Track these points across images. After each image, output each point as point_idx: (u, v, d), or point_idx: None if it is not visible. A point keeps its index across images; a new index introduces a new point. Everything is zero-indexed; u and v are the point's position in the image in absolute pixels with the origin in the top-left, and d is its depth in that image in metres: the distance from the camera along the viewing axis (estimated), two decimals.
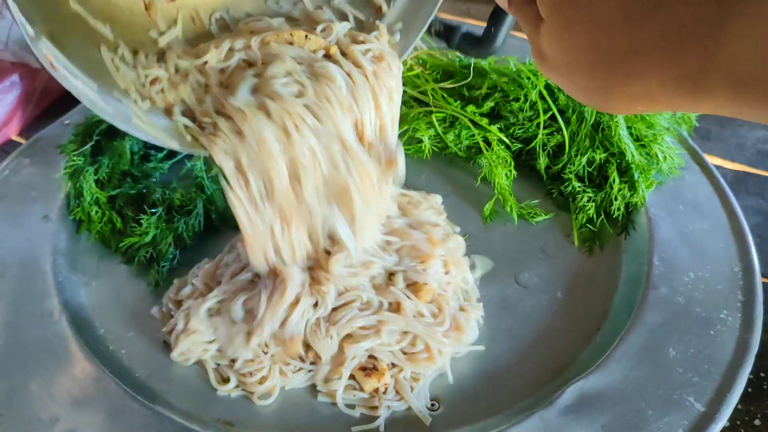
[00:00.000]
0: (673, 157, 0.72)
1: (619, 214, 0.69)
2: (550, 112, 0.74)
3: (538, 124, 0.73)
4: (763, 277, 0.63)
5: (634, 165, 0.70)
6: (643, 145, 0.73)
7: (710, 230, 0.66)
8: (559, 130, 0.73)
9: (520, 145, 0.75)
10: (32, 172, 0.75)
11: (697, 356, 0.55)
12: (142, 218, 0.67)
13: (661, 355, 0.56)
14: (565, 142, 0.73)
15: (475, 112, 0.76)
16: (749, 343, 0.56)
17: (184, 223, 0.68)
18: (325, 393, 0.57)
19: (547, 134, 0.74)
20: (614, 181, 0.70)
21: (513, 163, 0.74)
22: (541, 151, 0.74)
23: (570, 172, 0.72)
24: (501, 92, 0.77)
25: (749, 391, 0.58)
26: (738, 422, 0.56)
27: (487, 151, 0.74)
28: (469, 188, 0.76)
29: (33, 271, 0.65)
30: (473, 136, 0.75)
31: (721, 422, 0.51)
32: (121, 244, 0.68)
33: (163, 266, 0.66)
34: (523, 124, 0.75)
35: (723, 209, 0.69)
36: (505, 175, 0.73)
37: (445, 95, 0.78)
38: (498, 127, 0.75)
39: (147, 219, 0.67)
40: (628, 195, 0.69)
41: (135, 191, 0.70)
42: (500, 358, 0.60)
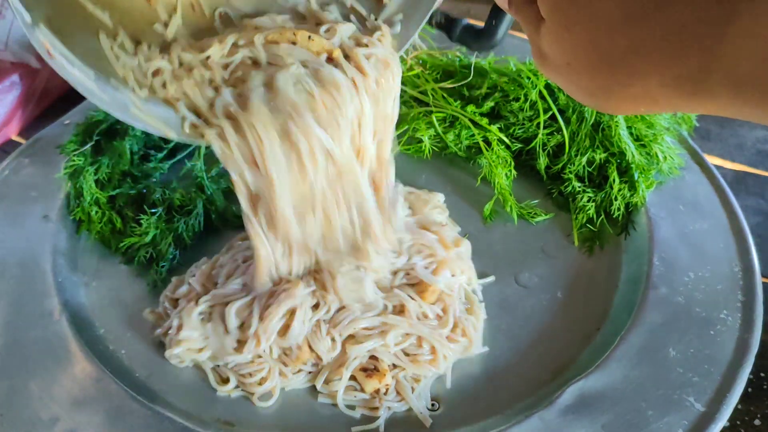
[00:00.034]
0: (673, 157, 0.72)
1: (619, 214, 0.69)
2: (550, 112, 0.73)
3: (538, 124, 0.73)
4: (763, 277, 0.63)
5: (634, 165, 0.70)
6: (643, 145, 0.73)
7: (710, 230, 0.66)
8: (559, 130, 0.73)
9: (520, 145, 0.75)
10: (32, 172, 0.75)
11: (697, 356, 0.55)
12: (142, 218, 0.67)
13: (661, 355, 0.56)
14: (565, 142, 0.73)
15: (475, 112, 0.76)
16: (749, 343, 0.56)
17: (184, 223, 0.68)
18: (325, 394, 0.57)
19: (547, 134, 0.74)
20: (614, 181, 0.70)
21: (513, 163, 0.74)
22: (541, 151, 0.74)
23: (570, 172, 0.72)
24: (501, 92, 0.77)
25: (749, 391, 0.58)
26: (738, 422, 0.56)
27: (487, 151, 0.73)
28: (469, 188, 0.75)
29: (33, 271, 0.65)
30: (473, 136, 0.75)
31: (721, 422, 0.51)
32: (121, 244, 0.68)
33: (163, 266, 0.66)
34: (523, 124, 0.75)
35: (723, 209, 0.68)
36: (505, 175, 0.73)
37: (445, 95, 0.78)
38: (498, 127, 0.75)
39: (147, 219, 0.67)
40: (628, 195, 0.69)
41: (135, 191, 0.70)
42: (500, 358, 0.60)
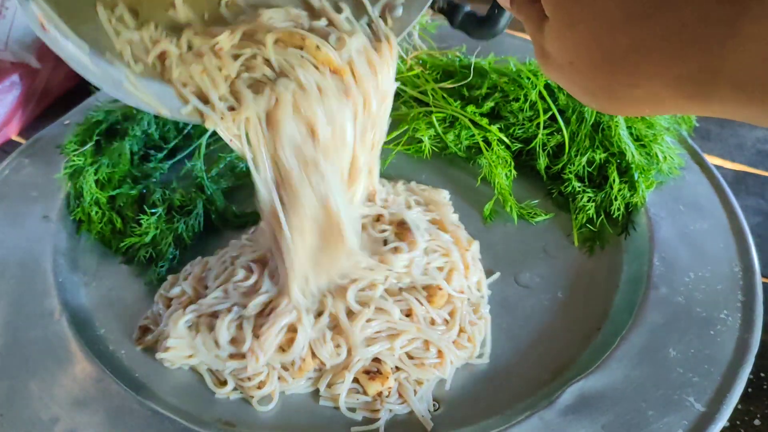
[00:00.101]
0: (673, 157, 0.72)
1: (619, 214, 0.69)
2: (550, 112, 0.73)
3: (538, 124, 0.73)
4: (763, 277, 0.63)
5: (634, 165, 0.70)
6: (643, 145, 0.73)
7: (710, 230, 0.66)
8: (559, 130, 0.73)
9: (520, 145, 0.75)
10: (32, 172, 0.75)
11: (697, 356, 0.55)
12: (142, 218, 0.67)
13: (662, 355, 0.56)
14: (565, 142, 0.73)
15: (475, 112, 0.76)
16: (749, 343, 0.56)
17: (184, 223, 0.68)
18: (327, 397, 0.57)
19: (547, 134, 0.74)
20: (614, 181, 0.70)
21: (513, 163, 0.74)
22: (541, 151, 0.74)
23: (570, 172, 0.72)
24: (501, 92, 0.77)
25: (749, 391, 0.58)
26: (738, 422, 0.56)
27: (487, 151, 0.73)
28: (469, 188, 0.75)
29: (33, 271, 0.65)
30: (473, 136, 0.75)
31: (721, 422, 0.51)
32: (121, 244, 0.68)
33: (162, 266, 0.66)
34: (523, 124, 0.75)
35: (723, 209, 0.68)
36: (505, 175, 0.73)
37: (445, 95, 0.78)
38: (498, 127, 0.75)
39: (147, 219, 0.67)
40: (628, 195, 0.69)
41: (135, 191, 0.70)
42: (500, 358, 0.60)
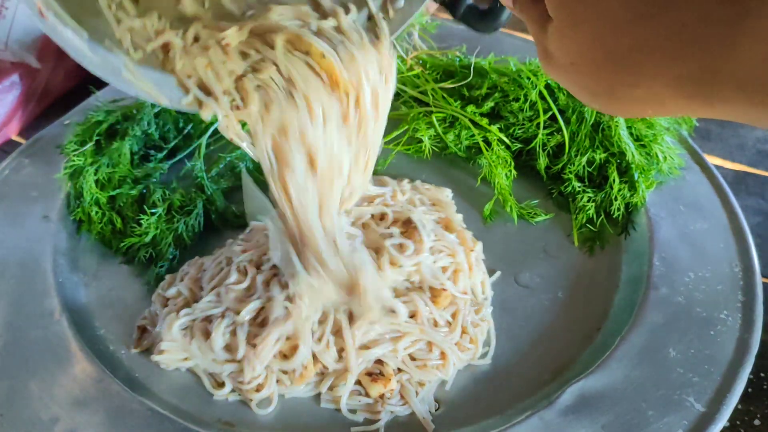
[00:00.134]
0: (673, 157, 0.72)
1: (619, 214, 0.69)
2: (550, 112, 0.73)
3: (538, 124, 0.73)
4: (763, 277, 0.63)
5: (634, 165, 0.70)
6: (643, 145, 0.73)
7: (710, 230, 0.66)
8: (559, 130, 0.73)
9: (520, 145, 0.75)
10: (32, 172, 0.75)
11: (697, 356, 0.55)
12: (142, 218, 0.67)
13: (662, 356, 0.56)
14: (565, 142, 0.73)
15: (475, 112, 0.76)
16: (749, 343, 0.56)
17: (184, 223, 0.68)
18: (329, 399, 0.56)
19: (547, 134, 0.74)
20: (614, 181, 0.70)
21: (513, 163, 0.74)
22: (541, 151, 0.74)
23: (570, 172, 0.72)
24: (501, 92, 0.77)
25: (749, 391, 0.58)
26: (738, 422, 0.56)
27: (487, 151, 0.73)
28: (469, 188, 0.75)
29: (33, 271, 0.65)
30: (473, 136, 0.75)
31: (721, 422, 0.51)
32: (122, 244, 0.68)
33: (162, 266, 0.66)
34: (523, 124, 0.75)
35: (723, 209, 0.68)
36: (505, 175, 0.73)
37: (445, 95, 0.78)
38: (498, 127, 0.75)
39: (147, 219, 0.67)
40: (628, 195, 0.69)
41: (135, 191, 0.70)
42: (501, 358, 0.60)
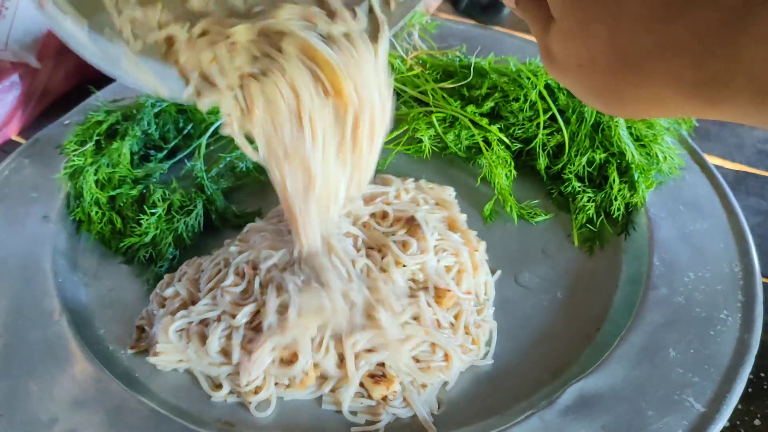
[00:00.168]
0: (673, 157, 0.72)
1: (619, 214, 0.69)
2: (550, 112, 0.73)
3: (538, 124, 0.73)
4: (763, 277, 0.63)
5: (634, 165, 0.70)
6: (643, 145, 0.73)
7: (710, 230, 0.66)
8: (559, 130, 0.73)
9: (520, 145, 0.75)
10: (32, 172, 0.75)
11: (697, 356, 0.55)
12: (142, 218, 0.67)
13: (661, 356, 0.56)
14: (565, 142, 0.73)
15: (475, 112, 0.76)
16: (749, 343, 0.56)
17: (184, 223, 0.68)
18: (330, 401, 0.56)
19: (547, 134, 0.74)
20: (614, 181, 0.70)
21: (513, 163, 0.74)
22: (541, 151, 0.74)
23: (570, 172, 0.72)
24: (501, 92, 0.77)
25: (749, 391, 0.58)
26: (738, 422, 0.56)
27: (487, 151, 0.73)
28: (469, 188, 0.75)
29: (33, 271, 0.65)
30: (473, 136, 0.75)
31: (721, 422, 0.51)
32: (121, 244, 0.68)
33: (162, 266, 0.66)
34: (523, 124, 0.75)
35: (723, 209, 0.68)
36: (505, 175, 0.73)
37: (445, 95, 0.78)
38: (498, 127, 0.75)
39: (147, 219, 0.67)
40: (628, 195, 0.69)
41: (135, 191, 0.70)
42: (500, 359, 0.60)
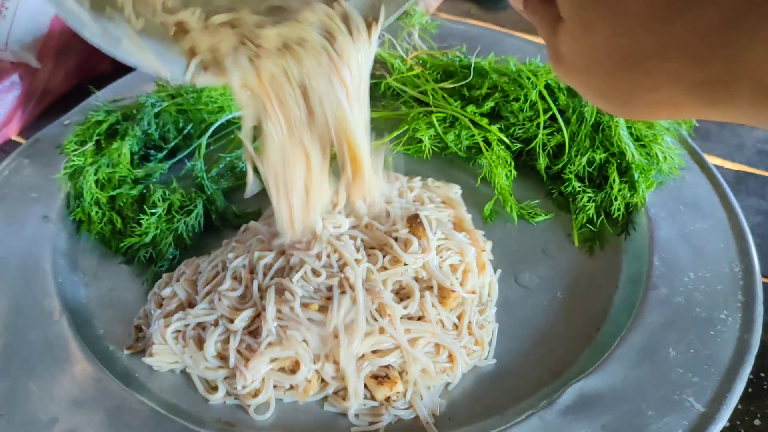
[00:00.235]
0: (673, 157, 0.72)
1: (619, 215, 0.69)
2: (550, 112, 0.73)
3: (538, 124, 0.73)
4: (763, 277, 0.63)
5: (634, 165, 0.70)
6: (643, 145, 0.73)
7: (710, 230, 0.66)
8: (559, 130, 0.73)
9: (520, 145, 0.75)
10: (32, 172, 0.75)
11: (697, 356, 0.55)
12: (142, 218, 0.67)
13: (661, 356, 0.56)
14: (565, 142, 0.73)
15: (475, 112, 0.76)
16: (749, 343, 0.56)
17: (184, 223, 0.68)
18: (332, 403, 0.56)
19: (547, 134, 0.74)
20: (614, 181, 0.70)
21: (513, 163, 0.74)
22: (541, 151, 0.74)
23: (570, 172, 0.72)
24: (501, 92, 0.77)
25: (749, 391, 0.58)
26: (738, 422, 0.56)
27: (487, 151, 0.73)
28: (469, 188, 0.75)
29: (33, 272, 0.65)
30: (473, 136, 0.75)
31: (721, 422, 0.51)
32: (121, 244, 0.68)
33: (162, 266, 0.67)
34: (523, 124, 0.75)
35: (723, 209, 0.68)
36: (505, 175, 0.73)
37: (445, 95, 0.78)
38: (498, 127, 0.75)
39: (147, 219, 0.67)
40: (628, 195, 0.69)
41: (135, 191, 0.70)
42: (500, 359, 0.60)
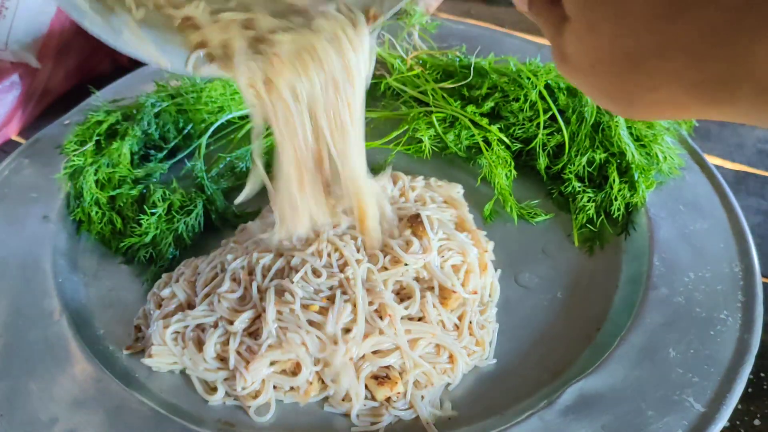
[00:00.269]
0: (673, 157, 0.72)
1: (619, 215, 0.69)
2: (550, 112, 0.73)
3: (538, 124, 0.73)
4: (763, 277, 0.63)
5: (634, 165, 0.70)
6: (643, 145, 0.73)
7: (710, 230, 0.66)
8: (559, 130, 0.73)
9: (520, 145, 0.75)
10: (32, 172, 0.75)
11: (697, 356, 0.55)
12: (142, 218, 0.67)
13: (661, 356, 0.56)
14: (565, 142, 0.73)
15: (475, 112, 0.76)
16: (749, 343, 0.56)
17: (184, 223, 0.68)
18: (333, 404, 0.56)
19: (547, 134, 0.74)
20: (614, 181, 0.70)
21: (513, 163, 0.74)
22: (541, 151, 0.74)
23: (570, 172, 0.72)
24: (501, 92, 0.77)
25: (749, 391, 0.58)
26: (738, 422, 0.56)
27: (487, 151, 0.73)
28: (469, 188, 0.75)
29: (33, 272, 0.65)
30: (473, 136, 0.75)
31: (721, 422, 0.51)
32: (121, 244, 0.68)
33: (162, 266, 0.66)
34: (523, 124, 0.75)
35: (723, 209, 0.68)
36: (505, 175, 0.73)
37: (445, 95, 0.78)
38: (498, 127, 0.75)
39: (147, 219, 0.67)
40: (628, 195, 0.69)
41: (135, 191, 0.70)
42: (501, 359, 0.60)
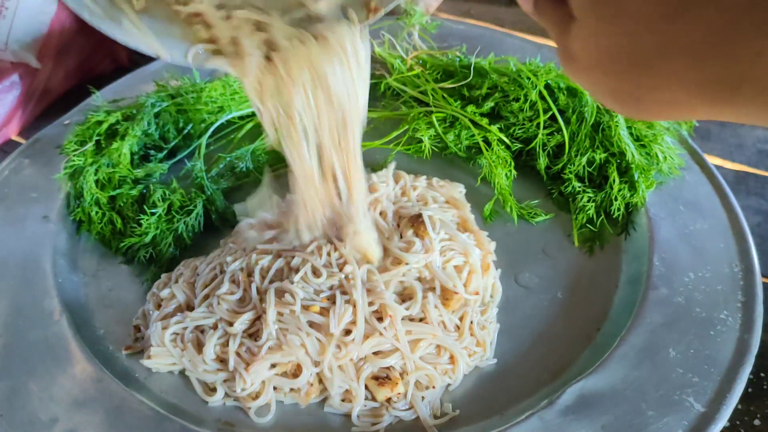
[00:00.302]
0: (673, 157, 0.72)
1: (619, 215, 0.69)
2: (550, 112, 0.73)
3: (538, 124, 0.73)
4: (763, 277, 0.63)
5: (634, 165, 0.70)
6: (643, 145, 0.73)
7: (710, 230, 0.66)
8: (559, 130, 0.73)
9: (520, 145, 0.75)
10: (32, 172, 0.75)
11: (697, 356, 0.55)
12: (142, 218, 0.67)
13: (661, 356, 0.56)
14: (565, 142, 0.73)
15: (475, 112, 0.76)
16: (749, 343, 0.56)
17: (184, 223, 0.69)
18: (333, 405, 0.56)
19: (547, 134, 0.74)
20: (614, 181, 0.70)
21: (513, 163, 0.74)
22: (541, 151, 0.74)
23: (570, 172, 0.72)
24: (501, 92, 0.77)
25: (749, 391, 0.58)
26: (738, 422, 0.56)
27: (487, 151, 0.73)
28: (469, 188, 0.75)
29: (33, 272, 0.65)
30: (473, 136, 0.75)
31: (721, 422, 0.51)
32: (121, 244, 0.68)
33: (161, 266, 0.66)
34: (523, 124, 0.75)
35: (723, 209, 0.68)
36: (505, 175, 0.73)
37: (445, 95, 0.78)
38: (498, 127, 0.75)
39: (147, 219, 0.67)
40: (628, 195, 0.69)
41: (135, 191, 0.70)
42: (500, 359, 0.60)
